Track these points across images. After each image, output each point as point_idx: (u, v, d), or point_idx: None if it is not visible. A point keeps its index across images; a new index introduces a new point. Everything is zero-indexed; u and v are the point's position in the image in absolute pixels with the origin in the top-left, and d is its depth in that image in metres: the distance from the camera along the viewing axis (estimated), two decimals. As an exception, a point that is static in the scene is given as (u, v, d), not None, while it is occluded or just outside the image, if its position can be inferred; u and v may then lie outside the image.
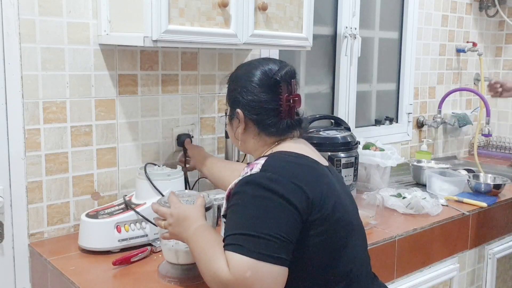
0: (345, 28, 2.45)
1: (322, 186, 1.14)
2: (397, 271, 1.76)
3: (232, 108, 1.29)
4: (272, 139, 1.26)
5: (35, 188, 1.56)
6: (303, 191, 1.09)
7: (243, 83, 1.26)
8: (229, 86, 1.33)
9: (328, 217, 1.12)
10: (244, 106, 1.26)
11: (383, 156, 2.18)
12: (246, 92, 1.25)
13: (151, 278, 1.34)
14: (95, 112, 1.65)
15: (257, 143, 1.28)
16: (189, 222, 1.21)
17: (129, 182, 1.72)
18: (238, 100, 1.26)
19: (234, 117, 1.28)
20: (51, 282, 1.45)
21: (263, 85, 1.24)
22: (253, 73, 1.26)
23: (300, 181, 1.10)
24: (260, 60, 1.31)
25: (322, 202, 1.11)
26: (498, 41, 3.30)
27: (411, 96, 2.82)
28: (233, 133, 1.32)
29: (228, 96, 1.33)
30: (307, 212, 1.09)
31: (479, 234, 2.07)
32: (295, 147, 1.24)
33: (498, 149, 3.19)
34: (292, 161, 1.16)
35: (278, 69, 1.25)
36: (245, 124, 1.27)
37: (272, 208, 1.05)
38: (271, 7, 1.66)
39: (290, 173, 1.11)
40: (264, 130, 1.26)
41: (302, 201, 1.08)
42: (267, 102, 1.24)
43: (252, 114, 1.25)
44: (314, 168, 1.19)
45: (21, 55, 1.48)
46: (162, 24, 1.41)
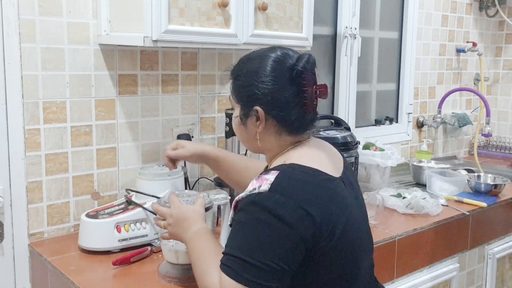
0: (345, 28, 2.45)
1: (332, 208, 1.06)
2: (397, 271, 1.76)
3: (248, 105, 1.15)
4: (291, 139, 1.17)
5: (35, 188, 1.56)
6: (311, 217, 1.02)
7: (260, 76, 1.13)
8: (239, 81, 1.18)
9: (337, 242, 1.06)
10: (264, 103, 1.13)
11: (383, 156, 2.18)
12: (266, 87, 1.12)
13: (151, 278, 1.34)
14: (95, 112, 1.65)
15: (275, 142, 1.17)
16: (188, 223, 1.20)
17: (129, 182, 1.72)
18: (256, 96, 1.13)
19: (251, 115, 1.15)
20: (51, 282, 1.45)
21: (284, 78, 1.12)
22: (271, 65, 1.13)
23: (310, 204, 1.02)
24: (271, 49, 1.17)
25: (331, 226, 1.05)
26: (498, 41, 3.30)
27: (411, 96, 2.82)
28: (247, 134, 1.19)
29: (238, 93, 1.18)
30: (313, 240, 1.03)
31: (479, 234, 2.07)
32: (310, 156, 1.14)
33: (498, 149, 3.19)
34: (303, 180, 1.06)
35: (298, 59, 1.13)
36: (265, 122, 1.15)
37: (273, 236, 1.00)
38: (271, 7, 1.66)
39: (300, 196, 1.03)
40: (287, 127, 1.15)
41: (309, 228, 1.02)
42: (291, 97, 1.12)
43: (275, 111, 1.13)
44: (326, 187, 1.09)
45: (21, 55, 1.48)
46: (162, 24, 1.41)
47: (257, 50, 1.20)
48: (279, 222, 1.00)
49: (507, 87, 3.28)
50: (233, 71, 1.21)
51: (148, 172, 1.56)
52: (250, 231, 1.02)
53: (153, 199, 1.52)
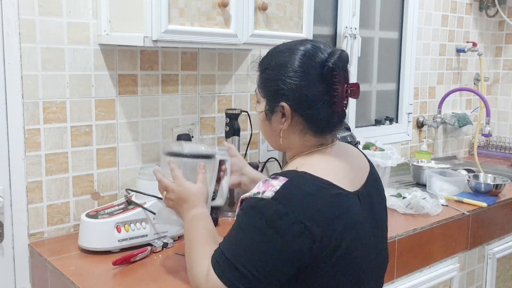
0: (345, 28, 2.45)
1: (337, 225, 1.01)
2: (397, 271, 1.76)
3: (273, 100, 1.09)
4: (316, 140, 1.10)
5: (35, 188, 1.56)
6: (310, 233, 0.97)
7: (288, 70, 1.06)
8: (266, 74, 1.11)
9: (337, 261, 1.02)
10: (291, 99, 1.06)
11: (383, 156, 2.18)
12: (293, 82, 1.05)
13: (151, 278, 1.34)
14: (95, 112, 1.65)
15: (299, 142, 1.11)
16: (188, 205, 1.19)
17: (129, 182, 1.72)
18: (283, 91, 1.07)
19: (277, 111, 1.09)
20: (51, 282, 1.45)
21: (314, 74, 1.05)
22: (300, 59, 1.06)
23: (312, 219, 0.98)
24: (303, 43, 1.10)
25: (333, 244, 1.00)
26: (498, 41, 3.30)
27: (411, 96, 2.82)
28: (271, 130, 1.13)
29: (265, 87, 1.12)
30: (309, 256, 0.99)
31: (479, 234, 2.07)
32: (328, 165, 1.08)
33: (498, 149, 3.19)
34: (310, 192, 1.00)
35: (330, 54, 1.06)
36: (291, 119, 1.08)
37: (265, 246, 0.97)
38: (271, 7, 1.66)
39: (302, 209, 0.98)
40: (313, 127, 1.09)
41: (306, 244, 0.98)
42: (320, 95, 1.05)
43: (301, 109, 1.07)
44: (334, 203, 1.02)
45: (21, 55, 1.48)
46: (162, 24, 1.41)
47: (287, 42, 1.13)
48: (274, 234, 0.97)
49: (507, 87, 3.28)
50: (261, 63, 1.14)
51: (148, 172, 1.56)
52: (244, 236, 1.00)
53: (153, 199, 1.53)
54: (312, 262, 1.00)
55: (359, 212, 1.07)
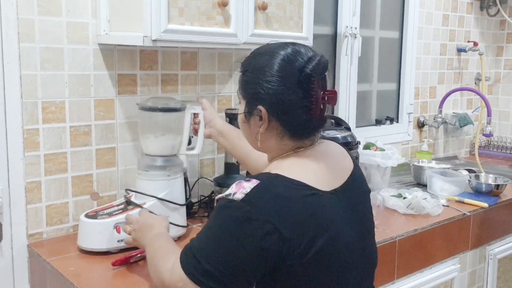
0: (346, 28, 2.45)
1: (309, 225, 1.01)
2: (398, 272, 1.75)
3: (251, 103, 1.10)
4: (293, 143, 1.11)
5: (34, 188, 1.55)
6: (279, 233, 0.98)
7: (266, 75, 1.06)
8: (245, 76, 1.12)
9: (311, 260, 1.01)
10: (268, 103, 1.07)
11: (384, 156, 2.17)
12: (271, 87, 1.06)
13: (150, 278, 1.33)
14: (94, 112, 1.64)
15: (276, 145, 1.12)
16: (151, 228, 1.27)
17: (129, 182, 1.72)
18: (260, 95, 1.07)
19: (255, 114, 1.10)
20: (50, 282, 1.44)
21: (291, 79, 1.05)
22: (279, 63, 1.06)
23: (281, 220, 0.98)
24: (284, 46, 1.09)
25: (305, 244, 1.00)
26: (499, 41, 3.29)
27: (411, 96, 2.81)
28: (250, 132, 1.15)
29: (244, 88, 1.13)
30: (279, 257, 0.99)
31: (480, 234, 2.07)
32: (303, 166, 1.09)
33: (499, 149, 3.18)
34: (281, 194, 1.01)
35: (309, 60, 1.06)
36: (268, 122, 1.09)
37: (233, 246, 0.98)
38: (271, 6, 1.66)
39: (272, 211, 0.98)
40: (290, 131, 1.09)
41: (274, 244, 0.98)
42: (297, 100, 1.06)
43: (278, 113, 1.07)
44: (306, 203, 1.02)
45: (20, 55, 1.48)
46: (161, 23, 1.41)
47: (270, 44, 1.13)
48: (241, 235, 0.98)
49: (508, 87, 3.27)
50: (242, 64, 1.14)
51: (147, 172, 1.55)
52: (213, 235, 1.02)
53: (153, 199, 1.52)
54: (284, 262, 1.00)
55: (335, 211, 1.07)
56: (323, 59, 1.08)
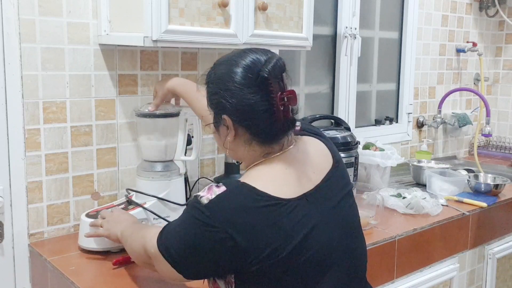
0: (345, 28, 2.45)
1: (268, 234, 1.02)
2: (397, 271, 1.76)
3: (217, 113, 1.12)
4: (261, 149, 1.11)
5: (35, 188, 1.56)
6: (234, 242, 1.00)
7: (226, 84, 1.08)
8: (209, 88, 1.14)
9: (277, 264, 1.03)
10: (231, 112, 1.08)
11: (383, 156, 2.18)
12: (231, 95, 1.07)
13: (151, 278, 1.34)
14: (95, 112, 1.65)
15: (247, 152, 1.12)
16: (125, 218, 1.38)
17: (129, 182, 1.72)
18: (223, 105, 1.08)
19: (221, 123, 1.11)
20: (51, 282, 1.45)
21: (249, 85, 1.06)
22: (235, 71, 1.07)
23: (238, 230, 1.00)
24: (241, 54, 1.10)
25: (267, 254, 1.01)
26: (498, 41, 3.30)
27: (411, 96, 2.82)
28: (220, 141, 1.16)
29: (209, 100, 1.14)
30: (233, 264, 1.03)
31: (479, 234, 2.07)
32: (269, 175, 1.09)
33: (498, 149, 3.19)
34: (242, 205, 1.03)
35: (264, 63, 1.07)
36: (234, 131, 1.10)
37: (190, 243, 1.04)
38: (271, 7, 1.66)
39: (229, 220, 1.01)
40: (257, 136, 1.10)
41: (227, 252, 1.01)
42: (257, 104, 1.06)
43: (242, 120, 1.08)
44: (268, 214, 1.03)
45: (21, 55, 1.48)
46: (162, 24, 1.41)
47: (228, 53, 1.14)
48: (199, 234, 1.03)
49: (507, 87, 3.28)
50: (206, 76, 1.15)
51: (148, 172, 1.56)
52: (180, 228, 1.07)
53: (153, 199, 1.53)
54: (241, 268, 1.03)
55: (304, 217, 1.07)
56: (279, 61, 1.09)
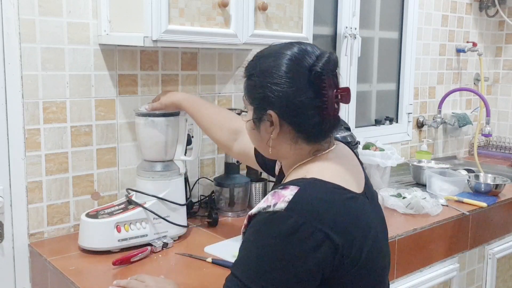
0: (345, 28, 2.45)
1: (356, 232, 0.96)
2: (397, 271, 1.76)
3: (260, 108, 1.04)
4: (309, 147, 1.05)
5: (35, 188, 1.56)
6: (332, 242, 0.91)
7: (274, 77, 1.00)
8: (252, 81, 1.05)
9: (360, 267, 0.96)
10: (278, 107, 1.01)
11: (383, 156, 2.18)
12: (280, 90, 0.99)
13: (151, 278, 1.34)
14: (95, 112, 1.65)
15: (292, 150, 1.05)
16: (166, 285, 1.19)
17: (129, 182, 1.72)
18: (270, 99, 1.01)
19: (264, 120, 1.04)
20: (51, 282, 1.45)
21: (301, 80, 0.99)
22: (286, 64, 1.00)
23: (332, 228, 0.91)
24: (289, 46, 1.03)
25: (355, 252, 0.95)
26: (498, 41, 3.30)
27: (411, 96, 2.82)
28: (260, 139, 1.08)
29: (251, 94, 1.06)
30: (331, 267, 0.94)
31: (479, 234, 2.07)
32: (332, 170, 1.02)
33: (498, 149, 3.19)
34: (325, 199, 0.95)
35: (318, 58, 1.00)
36: (279, 127, 1.03)
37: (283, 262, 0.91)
38: (271, 7, 1.66)
39: (321, 218, 0.91)
40: (304, 134, 1.03)
41: (328, 254, 0.92)
42: (309, 101, 0.99)
43: (290, 117, 1.01)
44: (351, 208, 0.97)
45: (21, 55, 1.48)
46: (162, 24, 1.41)
47: (273, 45, 1.07)
48: (293, 247, 0.90)
49: (507, 87, 3.28)
50: (246, 68, 1.08)
51: (148, 172, 1.56)
52: (257, 254, 0.93)
53: (153, 199, 1.53)
54: (335, 273, 0.94)
55: (371, 213, 1.04)
56: (332, 56, 1.02)
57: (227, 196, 1.84)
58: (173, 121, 1.57)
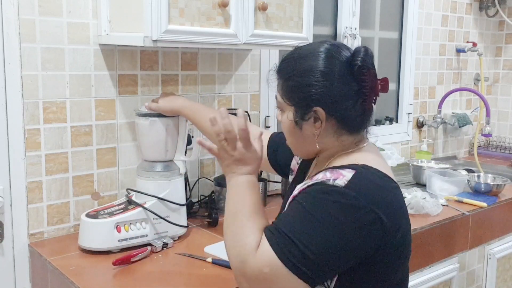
0: (345, 28, 2.45)
1: (400, 216, 1.02)
2: (397, 271, 1.76)
3: (304, 107, 1.06)
4: (352, 138, 1.10)
5: (35, 188, 1.56)
6: (381, 223, 0.97)
7: (316, 75, 1.04)
8: (293, 81, 1.08)
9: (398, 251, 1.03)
10: (324, 103, 1.04)
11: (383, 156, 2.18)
12: (324, 86, 1.03)
13: (151, 278, 1.34)
14: (95, 112, 1.65)
15: (335, 142, 1.09)
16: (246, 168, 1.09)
17: (129, 182, 1.72)
18: (315, 96, 1.04)
19: (309, 118, 1.07)
20: (51, 282, 1.45)
21: (343, 74, 1.04)
22: (325, 61, 1.05)
23: (382, 209, 0.97)
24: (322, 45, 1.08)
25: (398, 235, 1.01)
26: (498, 41, 3.30)
27: (411, 96, 2.82)
28: (303, 138, 1.10)
29: (293, 94, 1.08)
30: (377, 247, 0.98)
31: (479, 234, 2.07)
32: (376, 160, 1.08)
33: (498, 149, 3.19)
34: (379, 184, 1.01)
35: (356, 52, 1.06)
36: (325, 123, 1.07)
37: (335, 233, 0.94)
38: (271, 7, 1.66)
39: (376, 199, 0.97)
40: (347, 126, 1.08)
41: (377, 234, 0.97)
42: (353, 94, 1.05)
43: (335, 110, 1.05)
44: (396, 195, 1.04)
45: (21, 55, 1.48)
46: (162, 24, 1.41)
47: (304, 46, 1.12)
48: (346, 221, 0.94)
49: (507, 87, 3.28)
50: (281, 71, 1.11)
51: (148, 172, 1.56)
52: (312, 219, 0.95)
53: (153, 199, 1.53)
54: (376, 254, 0.99)
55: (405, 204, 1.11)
56: (369, 49, 1.07)
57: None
58: (173, 121, 1.57)
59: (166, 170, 1.57)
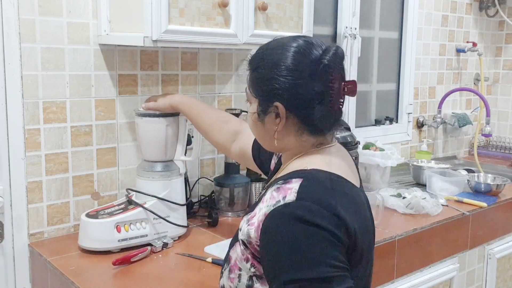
0: (345, 28, 2.45)
1: (361, 221, 0.98)
2: (397, 271, 1.76)
3: (267, 100, 1.03)
4: (313, 140, 1.05)
5: (35, 188, 1.56)
6: (345, 225, 0.92)
7: (282, 69, 1.00)
8: (258, 73, 1.05)
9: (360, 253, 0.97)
10: (285, 99, 1.01)
11: (383, 156, 2.18)
12: (287, 81, 1.00)
13: (151, 278, 1.34)
14: (95, 112, 1.65)
15: (295, 143, 1.06)
16: None
17: (129, 182, 1.72)
18: (277, 91, 1.01)
19: (270, 112, 1.03)
20: (51, 282, 1.45)
21: (310, 72, 1.00)
22: (293, 56, 1.01)
23: (342, 212, 0.92)
24: (295, 39, 1.04)
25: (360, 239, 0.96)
26: (498, 41, 3.30)
27: (411, 96, 2.82)
28: (264, 132, 1.08)
29: (257, 86, 1.05)
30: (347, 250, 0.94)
31: (479, 234, 2.07)
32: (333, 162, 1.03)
33: (498, 149, 3.19)
34: (331, 188, 0.96)
35: (325, 51, 1.01)
36: (285, 119, 1.03)
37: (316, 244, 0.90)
38: (271, 7, 1.66)
39: (331, 203, 0.92)
40: (309, 126, 1.03)
41: (345, 237, 0.92)
42: (317, 93, 1.00)
43: (296, 108, 1.01)
44: (354, 197, 1.00)
45: (21, 55, 1.48)
46: (162, 24, 1.41)
47: (278, 38, 1.07)
48: (317, 229, 0.90)
49: (507, 87, 3.28)
50: (251, 61, 1.08)
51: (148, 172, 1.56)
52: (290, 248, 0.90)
53: (153, 199, 1.53)
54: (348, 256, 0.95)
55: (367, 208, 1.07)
56: (339, 49, 1.03)
57: (227, 196, 1.84)
58: (173, 121, 1.57)
59: (166, 170, 1.57)
